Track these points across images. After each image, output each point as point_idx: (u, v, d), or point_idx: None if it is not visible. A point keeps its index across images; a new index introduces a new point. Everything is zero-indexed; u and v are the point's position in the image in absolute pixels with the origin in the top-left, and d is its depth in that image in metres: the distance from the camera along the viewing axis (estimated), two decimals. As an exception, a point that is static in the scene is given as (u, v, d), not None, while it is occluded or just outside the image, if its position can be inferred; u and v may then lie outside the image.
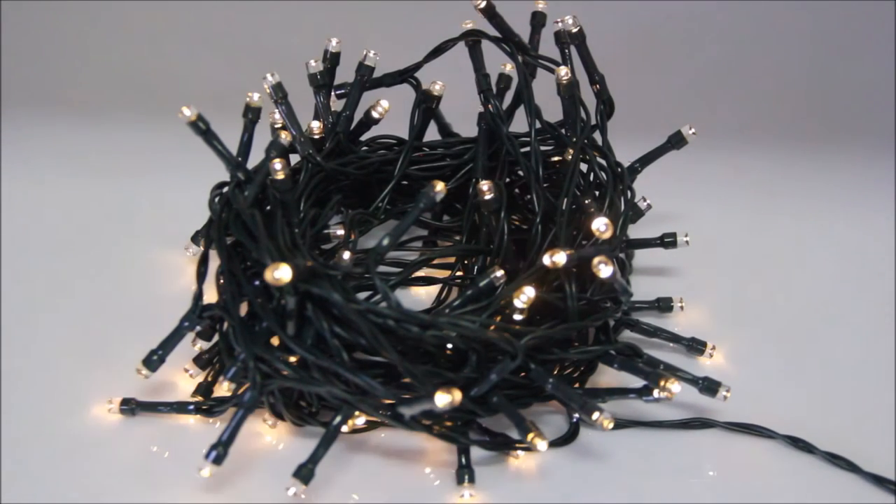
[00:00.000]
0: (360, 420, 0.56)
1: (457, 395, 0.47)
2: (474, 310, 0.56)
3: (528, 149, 0.65)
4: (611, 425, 0.51)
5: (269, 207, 0.59)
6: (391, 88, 0.70)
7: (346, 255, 0.62)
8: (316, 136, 0.68)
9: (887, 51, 0.92)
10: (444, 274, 0.69)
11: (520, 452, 0.56)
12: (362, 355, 0.54)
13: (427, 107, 0.70)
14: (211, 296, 0.58)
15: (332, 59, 0.69)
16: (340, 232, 0.66)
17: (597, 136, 0.66)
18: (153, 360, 0.58)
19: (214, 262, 0.58)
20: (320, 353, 0.52)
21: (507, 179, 0.70)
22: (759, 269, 0.74)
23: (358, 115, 0.69)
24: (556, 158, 0.69)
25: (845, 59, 0.94)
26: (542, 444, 0.51)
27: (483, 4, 0.65)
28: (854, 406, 0.61)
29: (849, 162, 0.87)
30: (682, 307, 0.67)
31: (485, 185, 0.60)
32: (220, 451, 0.52)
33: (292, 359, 0.53)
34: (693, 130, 0.67)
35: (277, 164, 0.56)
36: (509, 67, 0.70)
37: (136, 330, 0.62)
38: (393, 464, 0.56)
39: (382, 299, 0.52)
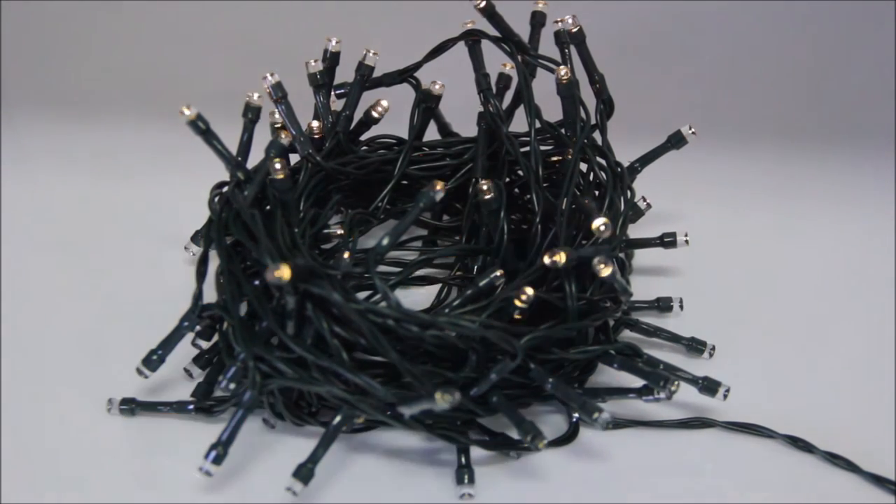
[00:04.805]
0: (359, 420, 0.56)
1: (456, 395, 0.47)
2: (474, 309, 0.56)
3: (527, 148, 0.65)
4: (610, 425, 0.51)
5: (268, 207, 0.59)
6: (391, 88, 0.70)
7: (346, 254, 0.62)
8: (316, 136, 0.68)
9: (887, 51, 0.92)
10: (444, 274, 0.69)
11: (520, 452, 0.56)
12: (362, 355, 0.54)
13: (427, 106, 0.70)
14: (211, 296, 0.58)
15: (331, 59, 0.69)
16: (340, 232, 0.66)
17: (597, 135, 0.66)
18: (153, 360, 0.58)
19: (214, 262, 0.58)
20: (320, 353, 0.52)
21: (507, 179, 0.70)
22: (759, 269, 0.74)
23: (358, 114, 0.69)
24: (555, 158, 0.69)
25: (845, 59, 0.94)
26: (541, 444, 0.51)
27: (482, 4, 0.65)
28: (854, 406, 0.61)
29: (849, 162, 0.87)
30: (681, 307, 0.67)
31: (485, 184, 0.60)
32: (220, 451, 0.52)
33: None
34: (693, 130, 0.67)
35: (277, 163, 0.56)
36: (509, 67, 0.70)
37: (136, 330, 0.62)
38: (393, 464, 0.56)
39: (382, 299, 0.52)
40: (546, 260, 0.54)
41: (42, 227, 0.76)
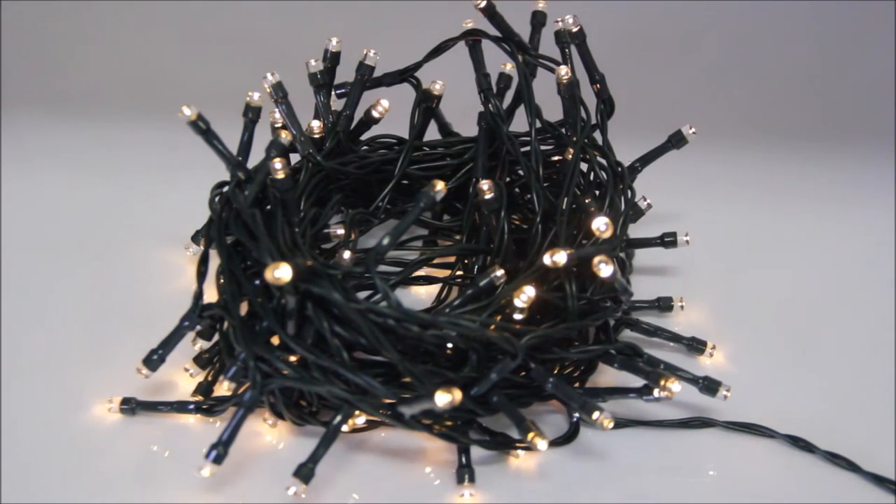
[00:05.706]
0: (360, 420, 0.56)
1: (457, 395, 0.47)
2: (474, 309, 0.56)
3: (528, 148, 0.65)
4: (611, 425, 0.51)
5: (269, 207, 0.59)
6: (391, 88, 0.70)
7: (346, 254, 0.62)
8: (316, 136, 0.68)
9: (887, 51, 0.92)
10: (444, 273, 0.69)
11: (520, 452, 0.56)
12: (362, 355, 0.54)
13: (427, 106, 0.70)
14: (211, 295, 0.58)
15: (332, 59, 0.69)
16: (340, 231, 0.66)
17: (597, 135, 0.66)
18: (153, 360, 0.58)
19: (215, 262, 0.58)
20: (320, 353, 0.52)
21: (508, 179, 0.70)
22: (760, 269, 0.74)
23: (358, 114, 0.69)
24: (556, 158, 0.69)
25: (845, 59, 0.94)
26: (542, 444, 0.51)
27: (483, 4, 0.65)
28: (854, 406, 0.61)
29: (849, 162, 0.87)
30: (682, 307, 0.67)
31: (485, 184, 0.60)
32: (220, 450, 0.52)
33: (292, 358, 0.53)
34: (693, 130, 0.67)
35: (277, 163, 0.56)
36: (509, 67, 0.70)
37: (136, 330, 0.62)
38: (393, 464, 0.56)
39: (382, 299, 0.51)
40: (546, 260, 0.54)
41: (42, 227, 0.76)
